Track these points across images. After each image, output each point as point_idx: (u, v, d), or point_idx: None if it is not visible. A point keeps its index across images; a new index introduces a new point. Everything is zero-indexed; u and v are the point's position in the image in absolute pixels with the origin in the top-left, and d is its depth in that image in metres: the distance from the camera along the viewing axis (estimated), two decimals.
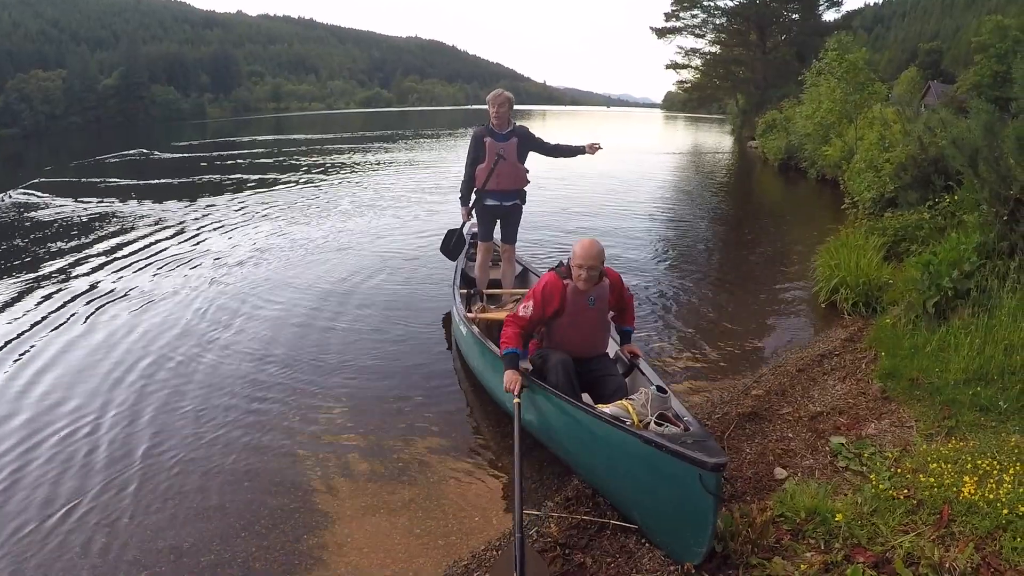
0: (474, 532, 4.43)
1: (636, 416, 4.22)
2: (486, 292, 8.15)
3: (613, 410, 4.31)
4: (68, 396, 6.53)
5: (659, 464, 3.68)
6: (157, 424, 5.95)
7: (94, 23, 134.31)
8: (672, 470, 3.60)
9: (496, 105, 7.64)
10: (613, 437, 4.03)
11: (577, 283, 5.14)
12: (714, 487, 3.43)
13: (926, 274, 7.07)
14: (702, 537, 3.57)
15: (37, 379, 6.94)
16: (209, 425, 5.94)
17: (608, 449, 4.14)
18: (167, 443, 5.63)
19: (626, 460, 3.98)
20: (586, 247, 5.11)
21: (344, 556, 4.23)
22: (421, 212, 16.63)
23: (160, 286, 10.23)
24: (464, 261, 8.92)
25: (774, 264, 11.96)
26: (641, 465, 3.84)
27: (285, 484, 5.03)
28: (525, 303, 5.27)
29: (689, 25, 60.52)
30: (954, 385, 5.60)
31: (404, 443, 5.65)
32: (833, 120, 22.17)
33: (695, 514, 3.58)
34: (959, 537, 3.68)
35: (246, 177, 24.51)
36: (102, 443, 5.65)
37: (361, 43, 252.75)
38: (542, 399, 4.80)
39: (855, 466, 4.67)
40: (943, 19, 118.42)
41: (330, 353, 7.61)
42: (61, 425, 5.93)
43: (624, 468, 4.05)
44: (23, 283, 10.51)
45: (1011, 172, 6.98)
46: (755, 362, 7.34)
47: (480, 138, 7.75)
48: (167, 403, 6.37)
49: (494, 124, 7.74)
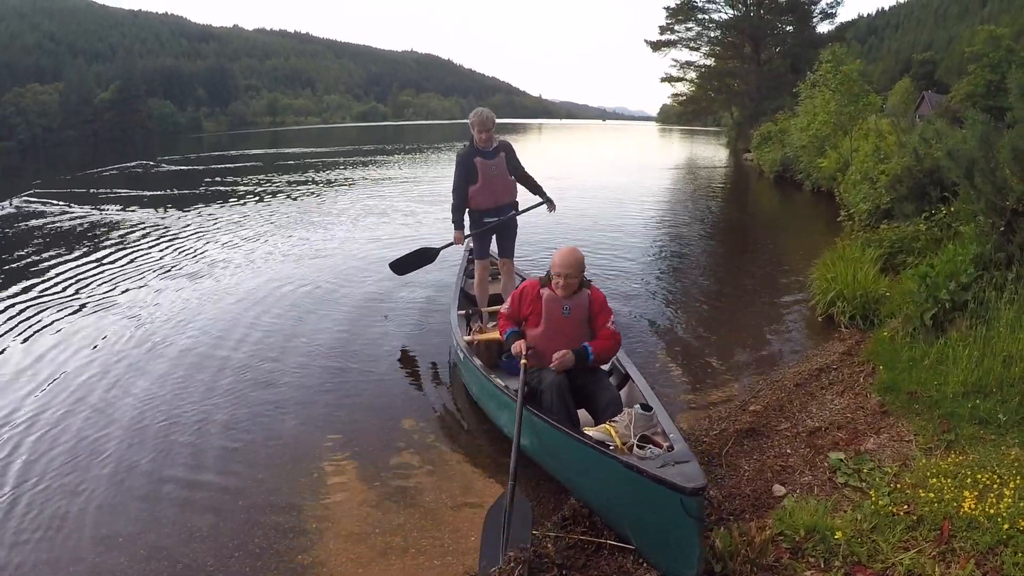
0: (471, 551, 4.36)
1: (619, 439, 4.21)
2: (486, 311, 8.06)
3: (596, 434, 4.31)
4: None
5: (642, 489, 3.69)
6: (149, 441, 5.90)
7: (91, 36, 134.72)
8: (654, 495, 3.60)
9: (484, 128, 7.55)
10: (599, 462, 4.04)
11: (555, 291, 5.22)
12: (696, 511, 3.42)
13: (923, 286, 7.03)
14: (690, 560, 3.54)
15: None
16: (198, 442, 5.90)
17: (597, 473, 4.15)
18: (155, 461, 5.59)
19: (613, 484, 3.98)
20: (564, 255, 5.21)
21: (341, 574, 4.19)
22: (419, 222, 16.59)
23: (144, 297, 10.19)
24: (464, 279, 8.86)
25: (770, 277, 11.91)
26: (627, 489, 3.85)
27: (279, 505, 4.97)
28: (507, 302, 5.61)
29: (684, 38, 60.62)
30: (953, 398, 5.55)
31: (400, 463, 5.59)
32: (828, 132, 22.21)
33: (681, 538, 3.56)
34: (960, 553, 3.64)
35: (240, 190, 24.51)
36: (82, 451, 5.69)
37: (357, 57, 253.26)
38: (535, 425, 4.79)
39: (854, 482, 4.63)
40: (936, 30, 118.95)
41: (320, 370, 7.55)
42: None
43: (613, 491, 4.06)
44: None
45: (1007, 183, 6.96)
46: (752, 377, 7.27)
47: (469, 159, 7.65)
48: (164, 416, 6.33)
49: (480, 144, 7.64)
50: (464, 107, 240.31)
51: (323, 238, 15.23)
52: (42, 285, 11.17)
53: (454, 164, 7.82)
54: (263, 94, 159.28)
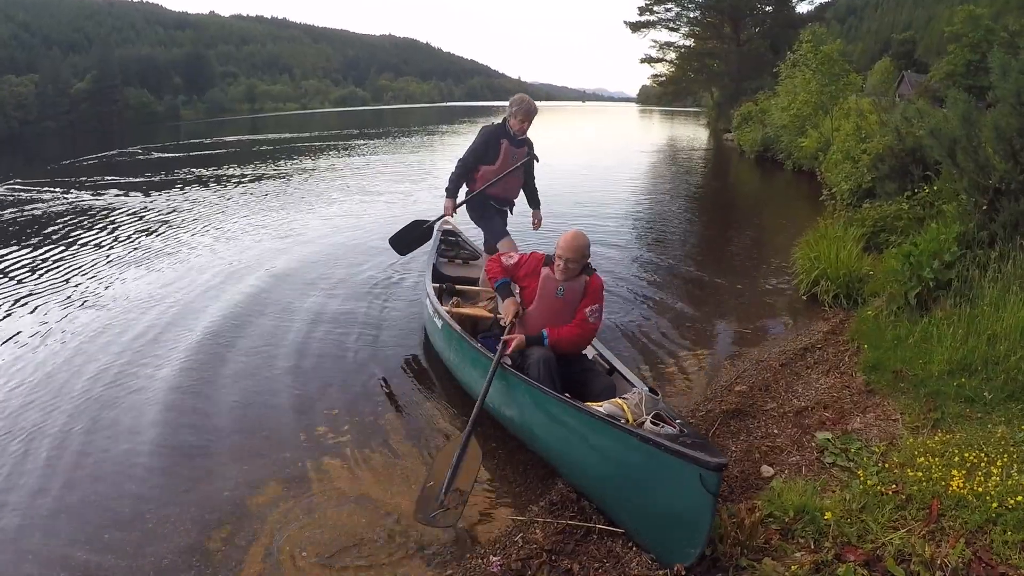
0: (460, 540, 4.28)
1: (631, 415, 4.17)
2: (460, 288, 7.95)
3: (608, 408, 4.26)
4: None
5: (658, 464, 3.65)
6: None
7: (66, 27, 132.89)
8: (673, 470, 3.57)
9: (526, 118, 7.33)
10: (608, 436, 4.00)
11: (555, 272, 5.24)
12: (715, 487, 3.41)
13: (907, 265, 7.05)
14: (698, 537, 3.52)
15: None
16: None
17: (601, 448, 4.09)
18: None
19: (621, 459, 3.94)
20: (569, 239, 5.19)
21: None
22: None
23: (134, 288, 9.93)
24: (436, 257, 8.72)
25: (753, 257, 11.94)
26: (637, 465, 3.81)
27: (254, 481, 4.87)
28: (511, 255, 5.61)
29: (663, 19, 60.92)
30: (938, 377, 5.56)
31: (377, 442, 5.50)
32: (809, 111, 22.25)
33: (693, 514, 3.53)
34: (949, 532, 3.64)
35: (215, 176, 24.03)
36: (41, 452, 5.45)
37: (335, 42, 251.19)
38: (527, 395, 4.76)
39: (842, 462, 4.62)
40: (915, 9, 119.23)
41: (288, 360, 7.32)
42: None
43: (618, 468, 4.00)
44: None
45: (989, 162, 6.98)
46: (737, 357, 7.23)
47: (496, 138, 7.34)
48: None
49: (514, 129, 7.34)
50: (443, 90, 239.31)
51: (297, 221, 15.14)
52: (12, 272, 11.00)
53: (478, 136, 7.49)
54: (241, 80, 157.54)
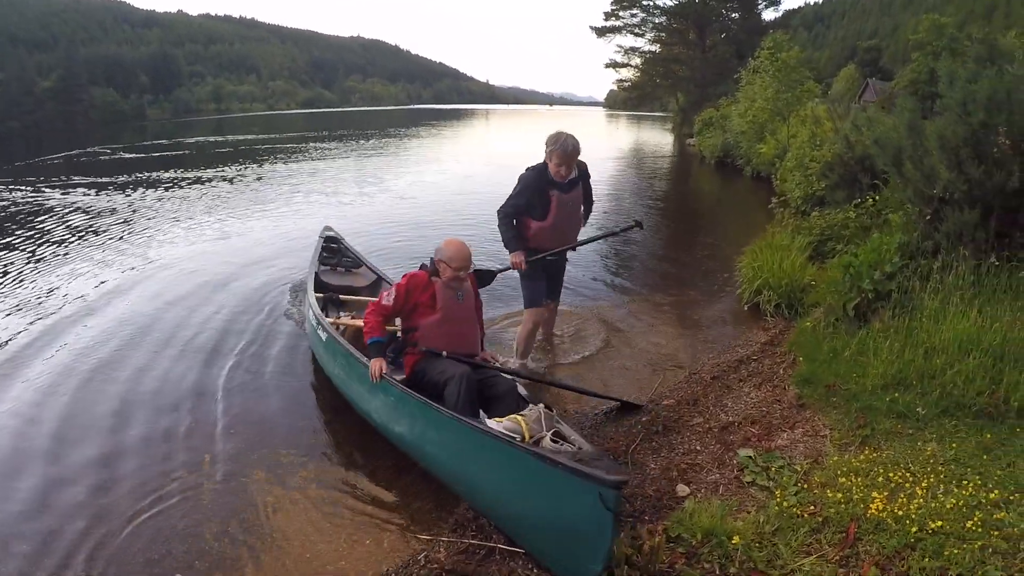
0: (365, 558, 4.12)
1: (528, 432, 4.03)
2: (343, 298, 7.76)
3: (507, 424, 4.13)
4: None
5: (557, 482, 3.51)
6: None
7: (32, 24, 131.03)
8: (571, 488, 3.43)
9: (566, 160, 6.35)
10: (504, 455, 3.86)
11: (449, 281, 5.27)
12: (614, 504, 3.27)
13: (847, 275, 6.93)
14: (599, 556, 3.37)
15: None
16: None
17: (498, 468, 3.96)
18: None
19: (519, 479, 3.80)
20: (457, 251, 5.27)
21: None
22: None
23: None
24: (317, 265, 8.49)
25: (701, 266, 11.76)
26: (536, 483, 3.66)
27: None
28: (388, 292, 5.36)
29: (628, 24, 61.21)
30: (872, 391, 5.40)
31: (264, 472, 5.11)
32: (766, 118, 22.31)
33: (593, 533, 3.38)
34: (864, 558, 3.48)
35: (179, 177, 23.83)
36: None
37: (302, 43, 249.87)
38: (421, 413, 4.63)
39: (762, 480, 4.44)
40: (882, 18, 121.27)
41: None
42: None
43: (516, 487, 3.86)
44: None
45: (935, 171, 6.86)
46: (668, 370, 6.99)
47: (544, 191, 6.40)
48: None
49: (558, 175, 6.40)
50: (411, 93, 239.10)
51: (236, 227, 14.90)
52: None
53: (517, 183, 6.49)
54: (208, 80, 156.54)
